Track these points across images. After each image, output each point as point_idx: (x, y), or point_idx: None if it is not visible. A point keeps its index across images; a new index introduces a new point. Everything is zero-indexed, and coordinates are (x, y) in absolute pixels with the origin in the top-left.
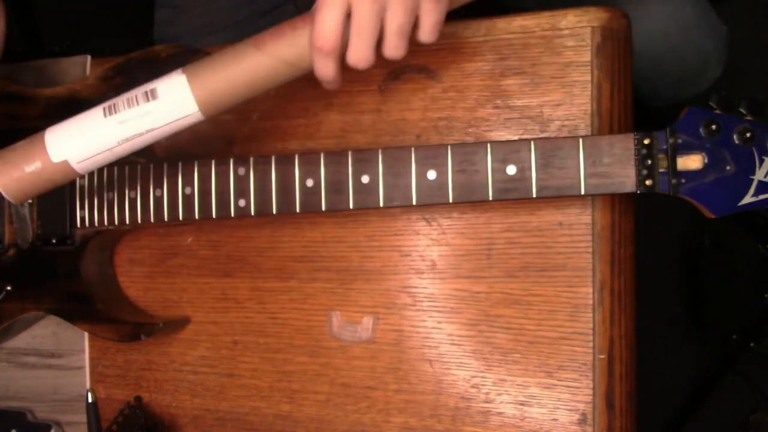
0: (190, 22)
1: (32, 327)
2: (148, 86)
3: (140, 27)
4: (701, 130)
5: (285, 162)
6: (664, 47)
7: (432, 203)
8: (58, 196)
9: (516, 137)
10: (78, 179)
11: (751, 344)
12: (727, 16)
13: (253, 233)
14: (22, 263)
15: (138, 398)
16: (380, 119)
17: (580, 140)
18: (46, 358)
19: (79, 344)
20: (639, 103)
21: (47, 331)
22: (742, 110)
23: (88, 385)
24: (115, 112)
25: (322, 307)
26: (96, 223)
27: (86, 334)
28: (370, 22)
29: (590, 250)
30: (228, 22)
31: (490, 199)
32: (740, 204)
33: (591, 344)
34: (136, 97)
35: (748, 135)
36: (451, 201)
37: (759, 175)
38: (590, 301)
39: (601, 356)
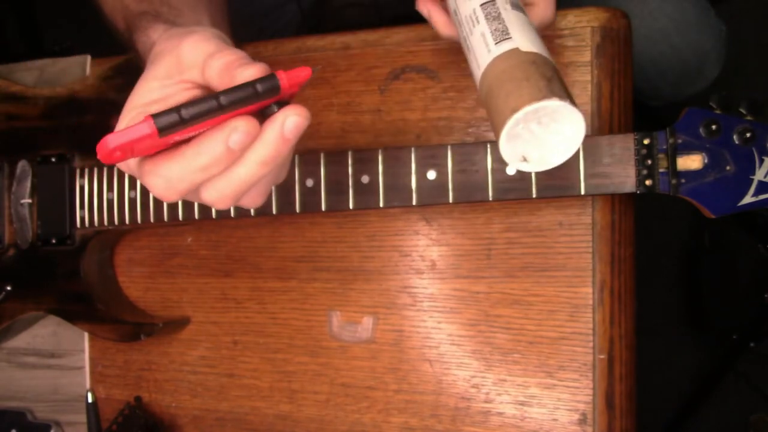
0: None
1: (32, 327)
2: None
3: None
4: (701, 130)
5: None
6: (664, 46)
7: (432, 203)
8: (58, 196)
9: None
10: (78, 179)
11: (751, 344)
12: (727, 16)
13: (253, 233)
14: (22, 263)
15: (138, 398)
16: (380, 119)
17: None
18: (46, 358)
19: (79, 344)
20: (639, 103)
21: (47, 331)
22: (742, 110)
23: (88, 385)
24: None
25: (322, 307)
26: (96, 223)
27: (86, 334)
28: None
29: (590, 250)
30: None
31: (490, 199)
32: (740, 204)
33: (591, 344)
34: None
35: (748, 135)
36: (451, 201)
37: (759, 175)
38: (590, 301)
39: (601, 356)
